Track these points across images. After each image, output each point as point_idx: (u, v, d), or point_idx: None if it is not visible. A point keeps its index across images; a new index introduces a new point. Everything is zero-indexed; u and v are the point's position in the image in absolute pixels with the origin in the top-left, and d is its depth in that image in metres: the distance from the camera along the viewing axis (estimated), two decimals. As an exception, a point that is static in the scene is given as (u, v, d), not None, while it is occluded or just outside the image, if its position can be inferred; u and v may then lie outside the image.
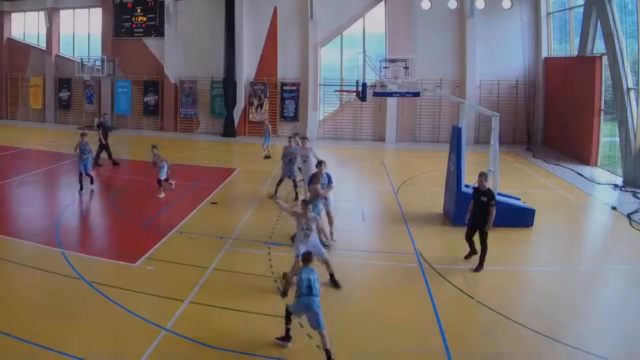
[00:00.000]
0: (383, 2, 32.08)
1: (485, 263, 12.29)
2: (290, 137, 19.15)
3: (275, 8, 33.42)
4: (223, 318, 10.27)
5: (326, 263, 11.37)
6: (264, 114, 33.03)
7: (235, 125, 33.79)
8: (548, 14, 30.22)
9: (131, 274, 12.17)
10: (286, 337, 9.08)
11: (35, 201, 18.40)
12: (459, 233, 13.67)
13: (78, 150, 18.79)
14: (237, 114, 33.88)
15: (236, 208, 18.21)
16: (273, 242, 14.42)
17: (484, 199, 11.99)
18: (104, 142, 23.63)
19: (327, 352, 8.40)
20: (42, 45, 39.88)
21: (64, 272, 12.19)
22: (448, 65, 31.36)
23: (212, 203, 18.52)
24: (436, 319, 10.17)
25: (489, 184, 14.86)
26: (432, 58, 30.93)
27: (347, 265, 12.91)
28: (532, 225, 15.66)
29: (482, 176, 12.37)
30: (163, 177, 18.56)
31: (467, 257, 12.84)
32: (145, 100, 36.51)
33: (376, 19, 32.66)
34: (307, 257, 9.09)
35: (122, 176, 22.03)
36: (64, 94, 39.24)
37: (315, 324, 8.68)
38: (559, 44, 29.89)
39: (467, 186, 15.84)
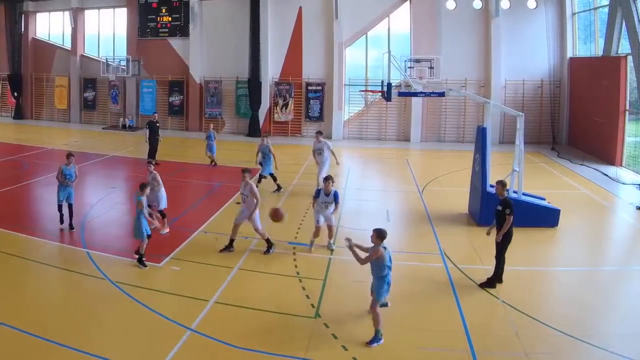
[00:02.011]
0: (408, 2, 33.50)
1: (496, 278, 12.29)
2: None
3: (300, 8, 34.97)
4: (248, 318, 10.62)
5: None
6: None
7: (260, 125, 35.40)
8: (573, 14, 31.48)
9: (156, 274, 12.71)
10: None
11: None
12: (484, 233, 13.99)
13: (61, 176, 15.74)
14: (262, 114, 35.54)
15: (261, 208, 18.83)
16: (298, 242, 15.06)
17: (499, 207, 12.01)
18: (147, 141, 25.16)
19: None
20: (67, 45, 41.84)
21: (89, 272, 12.69)
22: (473, 65, 32.67)
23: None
24: (461, 319, 10.57)
25: (514, 184, 16.02)
26: (457, 58, 32.20)
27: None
28: (556, 225, 16.25)
29: (499, 184, 12.50)
30: (163, 205, 16.14)
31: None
32: (170, 100, 38.30)
33: (401, 19, 34.20)
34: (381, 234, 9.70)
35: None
36: (89, 94, 41.18)
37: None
38: (584, 44, 31.11)
39: (492, 186, 16.05)
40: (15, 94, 43.01)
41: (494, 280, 12.04)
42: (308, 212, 17.56)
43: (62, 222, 15.88)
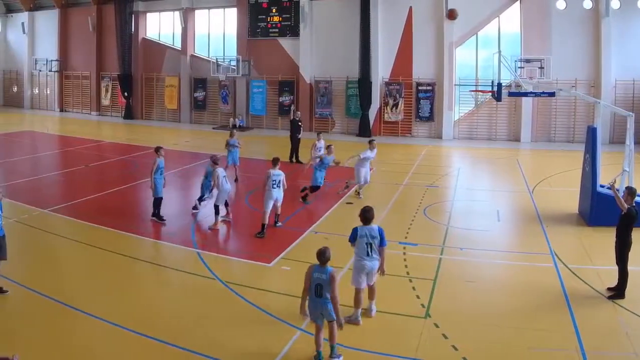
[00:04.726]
0: (518, 2, 40.08)
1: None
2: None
3: (411, 8, 42.11)
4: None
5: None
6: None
7: (371, 126, 42.85)
8: (686, 12, 37.20)
9: (266, 274, 14.27)
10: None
11: (171, 201, 20.74)
12: (595, 233, 16.40)
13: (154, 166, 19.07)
14: (372, 114, 43.09)
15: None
16: (408, 242, 16.81)
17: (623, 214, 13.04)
18: (293, 139, 30.56)
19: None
20: (177, 45, 51.25)
21: (199, 272, 14.53)
22: (583, 65, 38.54)
23: (348, 203, 21.78)
24: (571, 319, 11.82)
25: (624, 184, 17.44)
26: (567, 58, 38.01)
27: (481, 265, 15.43)
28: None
29: (629, 194, 13.31)
30: (222, 201, 18.97)
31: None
32: (280, 100, 46.49)
33: (511, 19, 40.59)
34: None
35: (259, 175, 23.56)
36: (199, 94, 50.23)
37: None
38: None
39: (602, 186, 18.37)
40: (126, 94, 52.55)
41: (622, 288, 12.93)
42: (418, 211, 20.57)
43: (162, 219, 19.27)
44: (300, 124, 32.17)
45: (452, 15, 19.95)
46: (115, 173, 28.65)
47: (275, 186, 17.83)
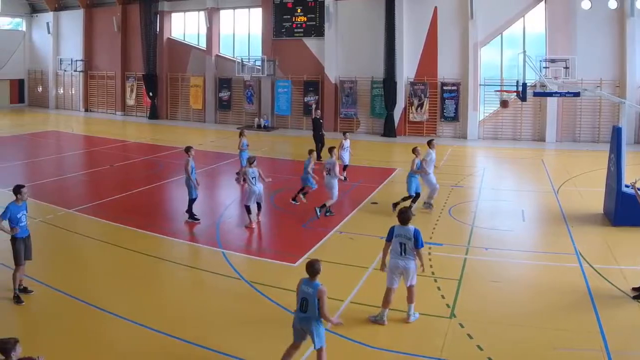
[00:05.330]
0: (543, 2, 40.83)
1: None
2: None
3: (436, 8, 43.00)
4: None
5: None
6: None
7: (396, 126, 43.87)
8: None
9: (292, 274, 14.08)
10: None
11: (196, 201, 20.28)
12: (620, 233, 16.76)
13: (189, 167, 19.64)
14: (397, 114, 44.11)
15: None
16: (433, 242, 17.08)
17: None
18: (317, 137, 31.59)
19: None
20: (202, 45, 52.46)
21: (224, 272, 14.91)
22: (608, 65, 39.15)
23: (372, 203, 22.36)
24: (596, 318, 12.04)
25: None
26: (592, 58, 38.54)
27: (506, 265, 15.76)
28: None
29: None
30: (252, 201, 19.36)
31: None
32: (305, 100, 47.59)
33: (536, 19, 41.39)
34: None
35: (283, 175, 24.39)
36: (224, 94, 51.44)
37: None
38: None
39: (627, 186, 18.33)
40: (151, 94, 53.81)
41: None
42: (443, 211, 21.09)
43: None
44: (321, 121, 33.25)
45: (505, 105, 20.49)
46: (140, 173, 29.51)
47: (329, 173, 19.53)
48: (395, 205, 20.39)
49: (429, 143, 21.53)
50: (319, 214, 19.76)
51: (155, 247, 16.99)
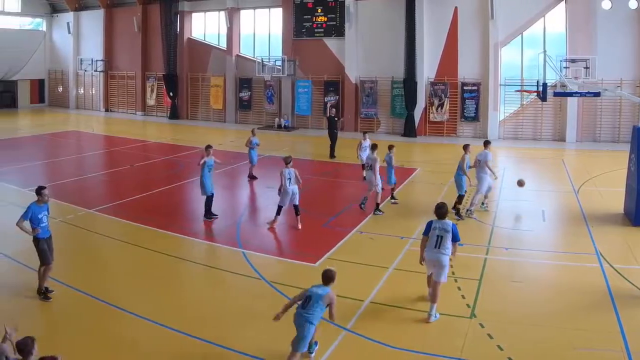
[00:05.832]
0: (564, 2, 41.37)
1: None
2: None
3: (456, 8, 43.67)
4: (403, 318, 12.45)
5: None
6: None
7: (416, 126, 44.57)
8: None
9: (312, 274, 13.98)
10: None
11: (215, 200, 20.82)
12: None
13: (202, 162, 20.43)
14: (417, 114, 44.78)
15: (417, 208, 22.11)
16: None
17: None
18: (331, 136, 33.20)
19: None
20: (223, 45, 53.41)
21: (244, 272, 15.17)
22: (628, 65, 39.44)
23: (393, 203, 22.76)
24: (617, 319, 12.15)
25: None
26: (612, 58, 38.95)
27: (527, 265, 16.00)
28: None
29: None
30: (285, 202, 19.57)
31: None
32: (325, 100, 48.22)
33: (557, 19, 41.98)
34: None
35: (303, 175, 23.25)
36: (244, 94, 52.35)
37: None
38: None
39: None
40: (171, 94, 54.74)
41: None
42: (463, 211, 21.06)
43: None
44: (336, 119, 34.56)
45: (520, 184, 21.22)
46: (161, 173, 30.10)
47: (368, 168, 20.31)
48: (456, 209, 20.76)
49: (486, 143, 21.99)
50: (377, 213, 20.84)
51: (175, 247, 17.36)
